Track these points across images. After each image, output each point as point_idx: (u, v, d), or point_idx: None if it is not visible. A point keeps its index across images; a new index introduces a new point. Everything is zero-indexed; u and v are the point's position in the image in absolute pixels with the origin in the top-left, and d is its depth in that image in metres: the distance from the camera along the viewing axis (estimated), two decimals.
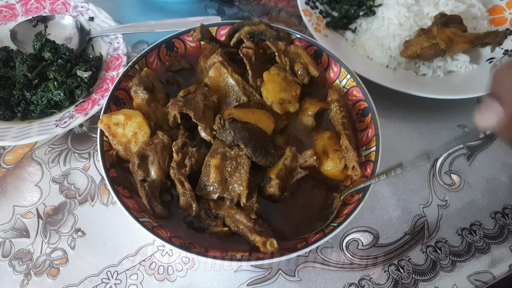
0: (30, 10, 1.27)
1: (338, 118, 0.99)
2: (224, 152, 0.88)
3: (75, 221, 1.01)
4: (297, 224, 0.90)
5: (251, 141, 0.87)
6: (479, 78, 1.23)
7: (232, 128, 0.87)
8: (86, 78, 1.11)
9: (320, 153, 0.95)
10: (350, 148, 0.93)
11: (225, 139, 0.89)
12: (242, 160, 0.86)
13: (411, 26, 1.27)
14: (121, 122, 0.90)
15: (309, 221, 0.90)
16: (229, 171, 0.86)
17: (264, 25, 1.08)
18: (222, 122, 0.88)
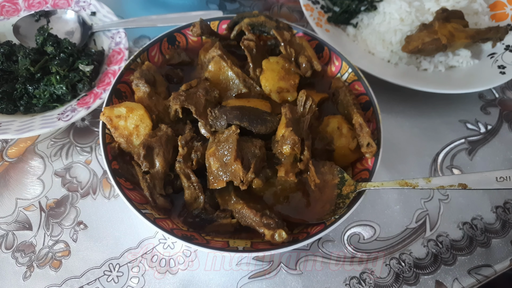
0: (33, 5, 1.27)
1: (348, 100, 0.98)
2: (218, 140, 0.87)
3: (77, 214, 1.02)
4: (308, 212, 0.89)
5: (244, 116, 0.87)
6: (480, 73, 1.23)
7: (222, 112, 0.87)
8: (88, 72, 1.11)
9: (334, 129, 0.93)
10: (364, 125, 0.92)
11: (221, 127, 0.88)
12: (231, 137, 0.84)
13: (413, 21, 1.27)
14: (123, 114, 0.90)
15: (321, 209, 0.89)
16: (225, 153, 0.84)
17: (263, 16, 1.08)
18: (214, 113, 0.88)
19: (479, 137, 1.21)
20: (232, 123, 0.87)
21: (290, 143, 0.84)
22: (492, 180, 0.74)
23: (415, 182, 0.81)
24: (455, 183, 0.76)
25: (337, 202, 0.87)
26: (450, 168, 1.14)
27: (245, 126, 0.87)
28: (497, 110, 1.27)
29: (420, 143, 1.18)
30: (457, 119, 1.24)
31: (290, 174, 0.84)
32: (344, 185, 0.88)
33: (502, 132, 1.22)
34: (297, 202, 0.89)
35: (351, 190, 0.87)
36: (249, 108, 0.91)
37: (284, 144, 0.84)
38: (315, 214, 0.87)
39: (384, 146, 1.06)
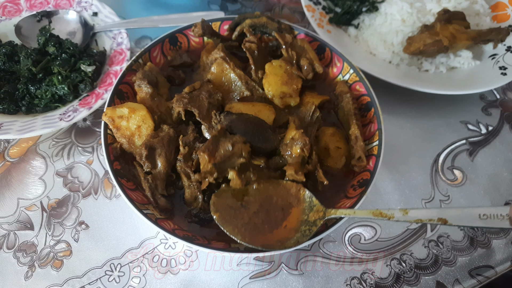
0: (35, 5, 1.27)
1: (350, 109, 0.99)
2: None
3: (79, 214, 1.02)
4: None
5: (248, 131, 0.88)
6: (481, 74, 1.23)
7: (227, 121, 0.88)
8: (90, 72, 1.12)
9: (321, 149, 0.96)
10: (359, 139, 0.94)
11: None
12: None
13: (414, 22, 1.27)
14: (125, 115, 0.91)
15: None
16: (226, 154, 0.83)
17: (265, 17, 1.08)
18: (219, 118, 0.89)
19: (480, 138, 1.21)
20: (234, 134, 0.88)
21: (301, 143, 0.85)
22: (475, 217, 0.67)
23: (390, 213, 0.74)
24: (435, 217, 0.69)
25: (303, 229, 0.79)
26: (451, 169, 1.14)
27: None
28: (498, 111, 1.27)
29: (421, 144, 1.18)
30: (458, 120, 1.24)
31: (299, 172, 0.83)
32: (312, 211, 0.81)
33: (503, 133, 1.22)
34: (261, 221, 0.81)
35: (319, 217, 0.79)
36: (254, 121, 0.90)
37: (294, 145, 0.86)
38: (278, 237, 0.79)
39: (385, 147, 1.06)
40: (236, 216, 0.79)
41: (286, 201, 0.83)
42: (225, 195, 0.82)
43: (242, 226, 0.78)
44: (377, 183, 1.10)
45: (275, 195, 0.83)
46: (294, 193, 0.84)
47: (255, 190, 0.83)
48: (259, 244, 0.77)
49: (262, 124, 0.92)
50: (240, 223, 0.79)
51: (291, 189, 0.84)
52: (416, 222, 0.72)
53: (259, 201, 0.82)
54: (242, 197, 0.82)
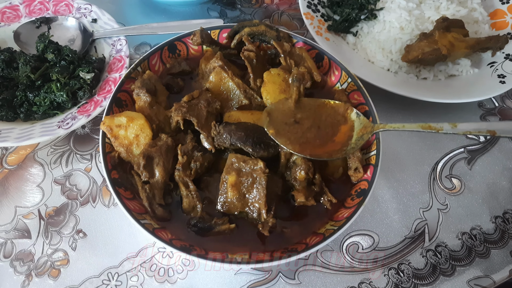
0: (34, 11, 1.27)
1: None
2: (239, 168, 0.87)
3: (77, 222, 1.02)
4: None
5: (249, 139, 0.88)
6: (480, 82, 1.24)
7: (226, 131, 0.88)
8: (88, 79, 1.12)
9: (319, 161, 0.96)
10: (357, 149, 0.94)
11: (223, 144, 0.90)
12: (258, 176, 0.86)
13: (412, 30, 1.27)
14: (123, 124, 0.91)
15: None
16: (246, 187, 0.86)
17: (264, 25, 1.08)
18: (218, 129, 0.89)
19: (479, 146, 1.21)
20: (235, 144, 0.88)
21: (304, 168, 0.88)
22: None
23: (439, 126, 0.79)
24: (484, 129, 0.74)
25: (352, 143, 0.89)
26: (449, 177, 1.14)
27: (247, 150, 0.88)
28: (496, 119, 1.27)
29: (419, 152, 1.18)
30: None
31: (309, 198, 0.88)
32: (360, 127, 0.90)
33: (501, 141, 1.22)
34: (313, 135, 0.89)
35: (367, 131, 0.88)
36: (254, 129, 0.91)
37: (298, 170, 0.88)
38: (326, 149, 0.88)
39: (383, 155, 1.06)
40: (290, 131, 0.88)
41: (335, 119, 0.91)
42: (276, 114, 0.90)
43: (295, 140, 0.87)
44: (375, 191, 1.10)
45: (324, 114, 0.91)
46: (341, 112, 0.92)
47: (307, 108, 0.91)
48: (308, 153, 0.85)
49: (261, 132, 0.92)
50: (293, 136, 0.87)
51: (339, 109, 0.92)
52: (465, 134, 0.78)
53: (312, 118, 0.90)
54: (294, 114, 0.90)
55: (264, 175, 0.86)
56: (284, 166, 0.93)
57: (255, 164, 0.87)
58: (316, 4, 1.35)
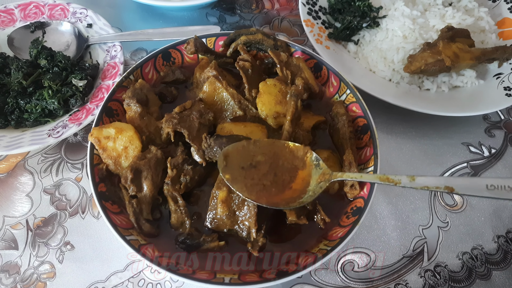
0: (29, 15, 1.25)
1: (345, 132, 0.96)
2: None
3: (65, 233, 0.99)
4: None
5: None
6: (485, 94, 1.19)
7: (217, 144, 0.85)
8: (81, 87, 1.09)
9: None
10: (354, 165, 0.91)
11: (214, 158, 0.87)
12: None
13: (416, 39, 1.23)
14: (112, 135, 0.88)
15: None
16: (236, 203, 0.83)
17: (261, 34, 1.05)
18: (209, 142, 0.86)
19: (483, 161, 1.16)
20: None
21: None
22: (482, 187, 0.67)
23: (397, 178, 0.75)
24: (442, 185, 0.70)
25: (309, 190, 0.82)
26: (451, 194, 1.10)
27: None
28: (502, 132, 1.22)
29: (420, 166, 1.14)
30: (459, 142, 1.19)
31: (301, 217, 0.84)
32: (318, 174, 0.83)
33: (506, 156, 1.17)
34: (269, 182, 0.83)
35: (325, 179, 0.82)
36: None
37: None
38: (284, 197, 0.82)
39: (382, 168, 1.02)
40: (247, 176, 0.82)
41: (292, 164, 0.85)
42: (234, 156, 0.84)
43: (251, 186, 0.81)
44: (372, 206, 1.06)
45: (282, 158, 0.85)
46: (300, 156, 0.86)
47: (266, 150, 0.85)
48: (264, 202, 0.79)
49: None
50: (249, 183, 0.81)
51: (299, 152, 0.85)
52: (423, 189, 0.72)
53: (269, 162, 0.84)
54: (252, 157, 0.84)
55: None
56: None
57: None
58: (317, 11, 1.31)
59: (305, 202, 0.81)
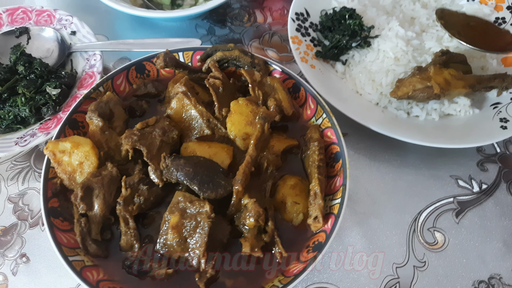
0: (16, 20, 1.25)
1: (314, 160, 0.91)
2: (184, 209, 0.80)
3: (22, 245, 0.98)
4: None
5: (196, 176, 0.81)
6: (478, 125, 1.11)
7: (174, 166, 0.81)
8: (54, 95, 1.08)
9: (278, 202, 0.88)
10: (319, 196, 0.85)
11: (170, 179, 0.83)
12: (202, 220, 0.78)
13: (409, 62, 1.16)
14: (68, 150, 0.85)
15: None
16: (188, 230, 0.79)
17: (238, 50, 1.01)
18: (167, 162, 0.82)
19: (471, 197, 1.08)
20: (181, 181, 0.81)
21: (254, 215, 0.79)
22: None
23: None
24: None
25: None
26: (432, 231, 1.02)
27: (193, 189, 0.80)
28: (496, 167, 1.13)
29: (402, 198, 1.07)
30: (448, 174, 1.11)
31: (255, 249, 0.79)
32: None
33: (498, 193, 1.09)
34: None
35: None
36: (206, 165, 0.84)
37: (248, 217, 0.80)
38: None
39: (360, 198, 0.97)
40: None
41: None
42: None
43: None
44: (344, 238, 1.00)
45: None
46: None
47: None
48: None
49: (214, 168, 0.85)
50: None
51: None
52: None
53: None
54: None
55: (208, 220, 0.78)
56: (235, 208, 0.85)
57: (201, 207, 0.80)
58: (307, 27, 1.26)
59: None
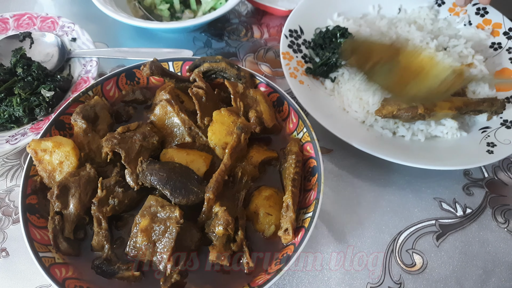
0: (21, 25, 1.32)
1: (290, 173, 0.92)
2: (155, 213, 0.82)
3: (3, 239, 1.00)
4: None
5: (169, 181, 0.83)
6: (465, 148, 1.10)
7: (148, 170, 0.83)
8: (48, 97, 1.12)
9: (251, 213, 0.89)
10: (291, 209, 0.86)
11: (144, 182, 0.85)
12: (171, 225, 0.80)
13: None
14: (49, 149, 0.88)
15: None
16: (157, 234, 0.80)
17: (224, 63, 1.04)
18: (143, 166, 0.84)
19: (454, 220, 1.06)
20: (154, 185, 0.83)
21: (223, 223, 0.80)
22: None
23: None
24: None
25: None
26: (411, 252, 1.01)
27: (165, 194, 0.82)
28: (482, 192, 1.11)
29: (382, 217, 1.06)
30: (432, 196, 1.10)
31: (222, 257, 0.80)
32: None
33: (482, 219, 1.06)
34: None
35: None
36: (180, 171, 0.85)
37: (217, 224, 0.81)
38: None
39: (340, 214, 0.96)
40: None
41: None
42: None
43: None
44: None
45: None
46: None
47: None
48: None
49: (188, 175, 0.87)
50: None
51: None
52: None
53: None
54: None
55: (176, 226, 0.80)
56: (206, 215, 0.86)
57: (171, 212, 0.81)
58: (300, 44, 1.28)
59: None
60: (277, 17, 1.50)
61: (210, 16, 1.29)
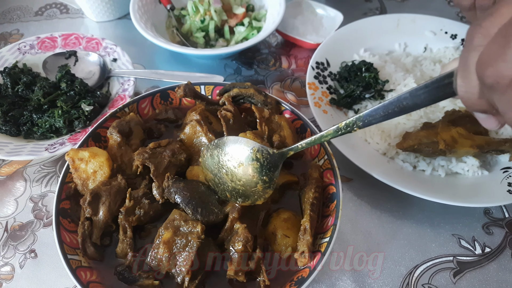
0: (68, 44, 1.43)
1: (309, 197, 0.95)
2: (178, 226, 0.86)
3: (34, 241, 1.06)
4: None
5: (192, 201, 0.87)
6: (486, 187, 1.10)
7: (173, 187, 0.88)
8: (87, 111, 1.20)
9: (269, 233, 0.92)
10: (308, 232, 0.88)
11: (170, 199, 0.89)
12: (192, 240, 0.83)
13: (420, 117, 1.20)
14: (85, 158, 0.95)
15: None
16: (178, 247, 0.84)
17: (253, 89, 1.10)
18: (169, 182, 0.89)
19: (472, 258, 1.05)
20: (178, 202, 0.88)
21: (243, 240, 0.84)
22: None
23: None
24: None
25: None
26: (427, 287, 1.00)
27: (187, 212, 0.87)
28: (502, 232, 1.10)
29: (399, 250, 1.06)
30: (450, 232, 1.10)
31: (240, 273, 0.83)
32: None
33: (501, 259, 1.05)
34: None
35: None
36: (202, 191, 0.91)
37: (236, 241, 0.85)
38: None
39: (357, 243, 0.97)
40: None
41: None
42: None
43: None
44: (334, 281, 1.00)
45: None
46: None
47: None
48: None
49: (210, 196, 0.92)
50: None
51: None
52: None
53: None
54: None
55: (197, 240, 0.83)
56: (228, 232, 0.89)
57: (194, 227, 0.85)
58: (326, 76, 1.34)
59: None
60: (305, 49, 1.57)
61: (242, 45, 1.37)
